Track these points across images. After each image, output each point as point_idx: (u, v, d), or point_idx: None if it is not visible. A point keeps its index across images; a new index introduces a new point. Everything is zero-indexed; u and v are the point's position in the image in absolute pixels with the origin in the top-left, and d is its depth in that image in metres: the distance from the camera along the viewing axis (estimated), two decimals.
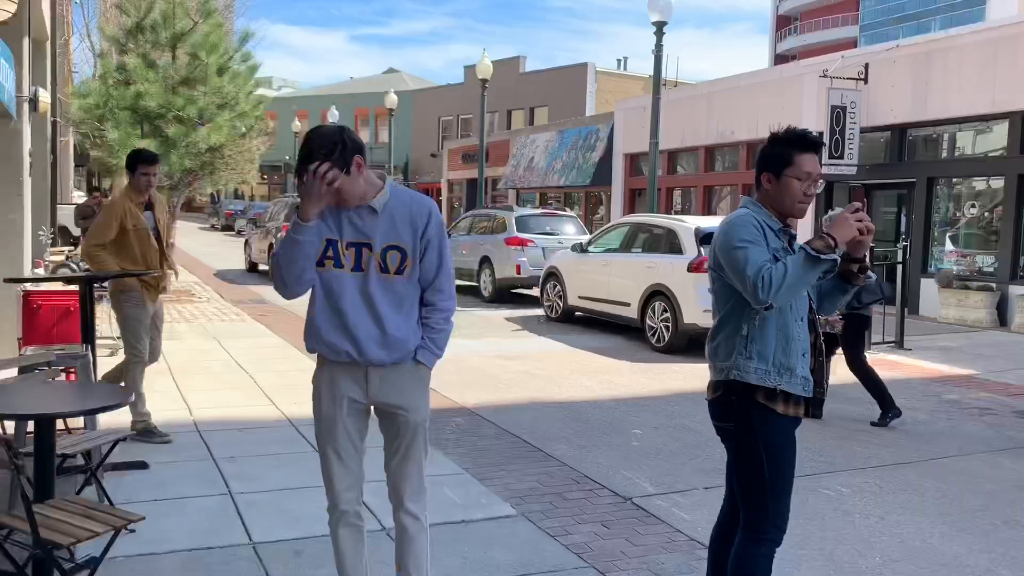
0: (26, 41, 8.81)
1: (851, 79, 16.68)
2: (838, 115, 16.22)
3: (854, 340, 7.16)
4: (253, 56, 14.28)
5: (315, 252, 3.02)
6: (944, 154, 16.08)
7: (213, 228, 42.26)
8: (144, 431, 5.73)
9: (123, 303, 5.72)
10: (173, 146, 12.81)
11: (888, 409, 7.05)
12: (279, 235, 17.21)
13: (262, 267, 19.16)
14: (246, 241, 21.29)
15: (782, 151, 3.06)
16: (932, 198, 15.80)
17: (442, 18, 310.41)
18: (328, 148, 2.95)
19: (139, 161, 5.74)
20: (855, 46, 41.91)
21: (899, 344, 11.12)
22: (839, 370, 7.36)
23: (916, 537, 4.65)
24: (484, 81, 23.37)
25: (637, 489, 5.26)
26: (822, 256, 2.77)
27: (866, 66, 16.75)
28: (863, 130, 16.46)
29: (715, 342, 3.07)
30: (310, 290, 3.13)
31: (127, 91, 12.80)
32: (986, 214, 15.12)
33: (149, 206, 5.82)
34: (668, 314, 10.49)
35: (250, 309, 13.13)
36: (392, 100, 32.43)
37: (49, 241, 12.02)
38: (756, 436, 2.97)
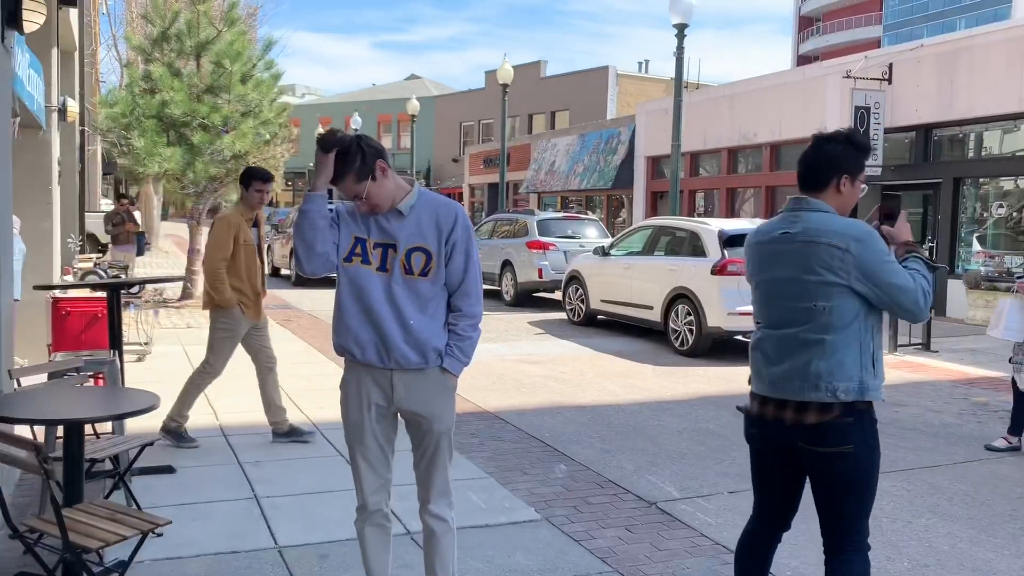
0: (54, 52, 8.95)
1: (875, 79, 16.54)
2: (862, 116, 16.09)
3: None
4: (276, 64, 14.37)
5: (324, 225, 3.06)
6: (971, 154, 15.89)
7: None
8: (175, 432, 5.80)
9: (218, 318, 5.80)
10: (198, 153, 12.93)
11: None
12: None
13: (284, 271, 19.54)
14: (268, 246, 21.48)
15: (858, 155, 2.96)
16: (959, 198, 15.62)
17: (462, 24, 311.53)
18: (351, 157, 3.01)
19: (253, 178, 5.78)
20: (879, 46, 41.56)
21: (926, 346, 11.00)
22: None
23: (945, 542, 4.59)
24: (505, 86, 23.41)
25: (661, 493, 5.24)
26: (931, 263, 2.84)
27: (890, 66, 16.60)
28: (887, 130, 16.31)
29: (830, 361, 2.78)
30: (336, 291, 3.17)
31: (153, 100, 12.94)
32: (1014, 214, 14.92)
33: (255, 223, 5.89)
34: (692, 317, 10.44)
35: (275, 315, 13.22)
36: (414, 106, 32.57)
37: (78, 248, 12.19)
38: (874, 454, 2.86)
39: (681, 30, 15.47)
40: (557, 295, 14.55)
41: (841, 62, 18.36)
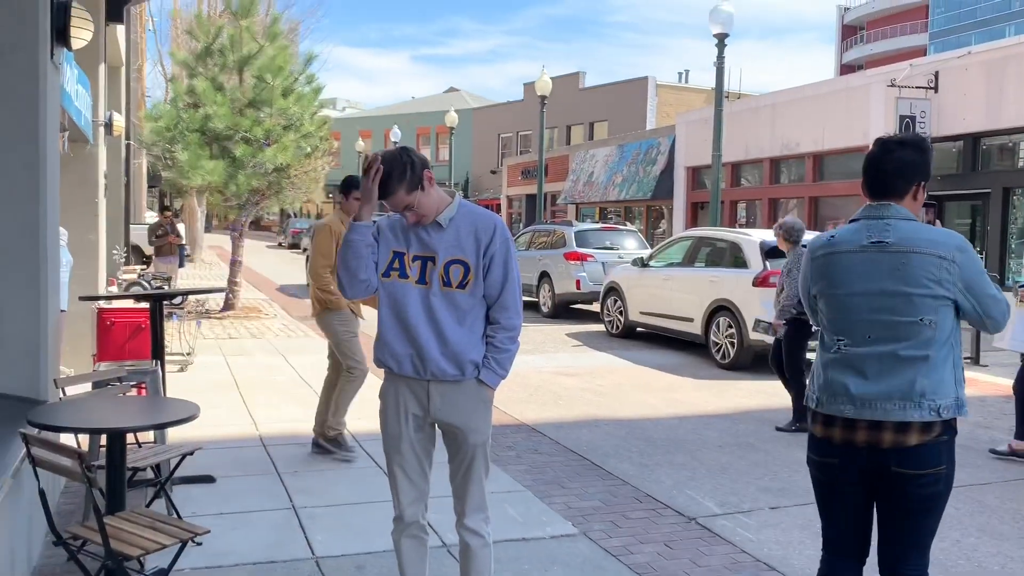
0: (102, 68, 9.15)
1: (920, 88, 16.28)
2: (907, 125, 15.83)
3: (796, 344, 7.36)
4: (317, 78, 14.55)
5: (367, 253, 3.11)
6: (1021, 163, 15.54)
7: (280, 246, 43.13)
8: (334, 440, 5.87)
9: (332, 322, 5.82)
10: (240, 166, 13.13)
11: (799, 420, 7.15)
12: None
13: None
14: (308, 258, 21.96)
15: (929, 161, 2.83)
16: (1008, 208, 15.27)
17: (501, 37, 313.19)
18: (400, 169, 3.02)
19: (352, 187, 5.79)
20: (924, 54, 40.88)
21: (975, 360, 10.74)
22: None
23: (995, 561, 4.45)
24: (543, 97, 23.46)
25: (701, 509, 5.16)
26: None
27: (936, 74, 16.32)
28: (933, 140, 16.02)
29: (932, 378, 2.64)
30: (378, 313, 3.21)
31: (196, 114, 13.17)
32: None
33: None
34: (733, 330, 10.31)
35: (315, 326, 13.33)
36: (452, 118, 32.77)
37: (123, 260, 12.42)
38: (953, 473, 2.73)
39: (721, 40, 15.37)
40: (595, 307, 14.48)
41: (885, 70, 18.10)
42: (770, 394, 8.76)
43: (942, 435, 2.66)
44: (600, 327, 13.71)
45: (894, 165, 2.78)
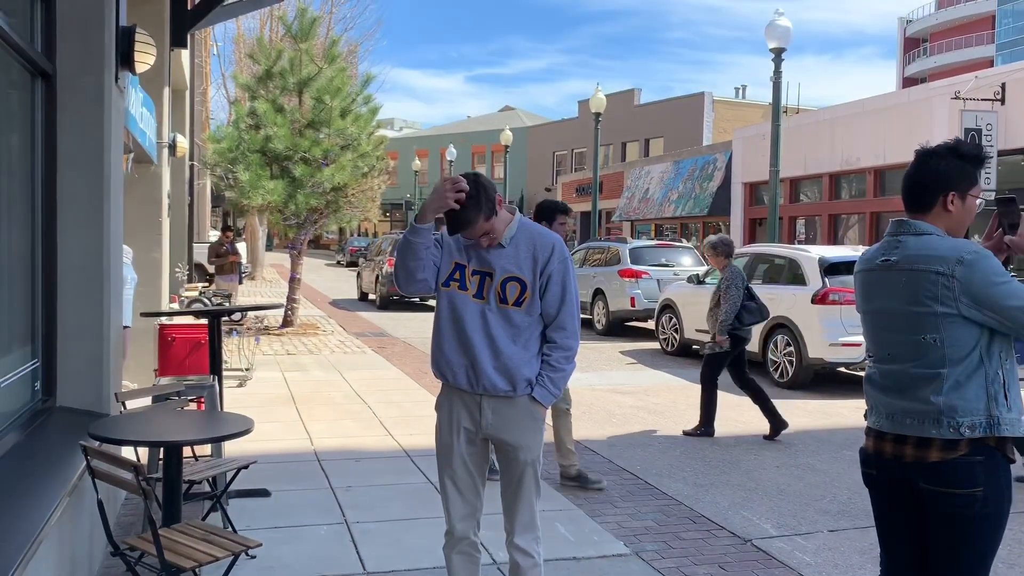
0: (166, 91, 9.43)
1: (986, 100, 15.84)
2: (972, 138, 15.38)
3: (722, 357, 7.66)
4: (374, 99, 14.80)
5: (426, 256, 3.12)
6: None
7: (339, 264, 43.79)
8: (578, 476, 5.70)
9: None
10: (300, 186, 13.39)
11: (707, 425, 7.56)
12: (384, 267, 18.83)
13: (371, 296, 20.47)
14: (358, 272, 23.16)
15: (966, 167, 2.68)
16: None
17: (557, 55, 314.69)
18: (475, 200, 3.02)
19: (557, 211, 5.66)
20: (991, 66, 39.77)
21: None
22: None
23: None
24: (597, 114, 23.44)
25: (757, 530, 5.05)
26: None
27: (1003, 86, 15.87)
28: (1000, 153, 15.55)
29: (950, 395, 2.53)
30: (435, 314, 3.26)
31: (257, 135, 13.49)
32: None
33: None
34: (791, 348, 10.11)
35: (371, 342, 13.49)
36: (507, 137, 32.96)
37: (184, 277, 12.74)
38: (1004, 499, 2.57)
39: (778, 54, 15.20)
40: (650, 324, 14.34)
41: (949, 83, 17.66)
42: (829, 414, 8.55)
43: (973, 455, 2.52)
44: (655, 345, 13.57)
45: (921, 176, 2.70)
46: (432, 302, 20.05)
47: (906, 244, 2.65)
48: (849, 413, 8.70)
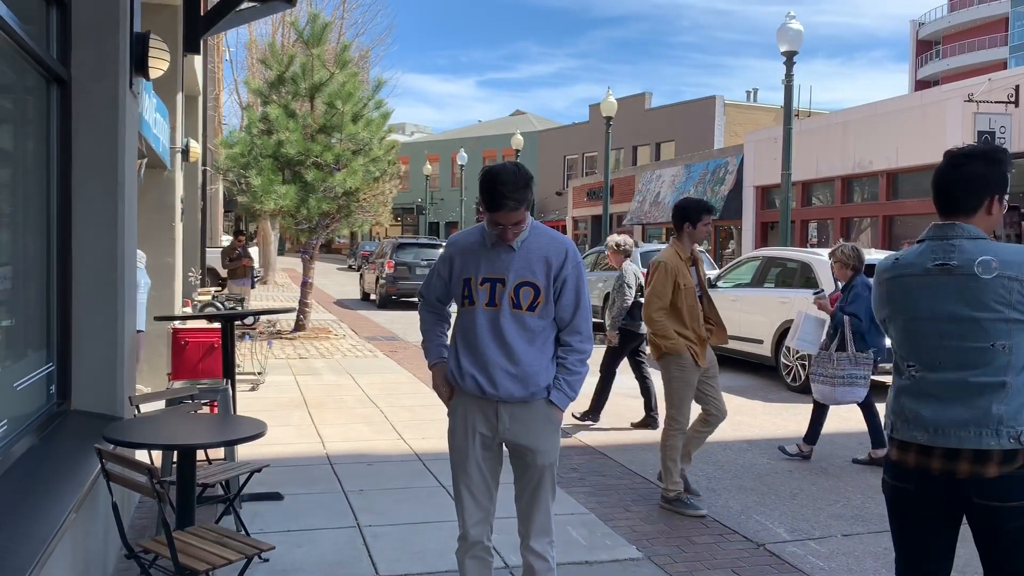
0: (179, 97, 9.49)
1: (1000, 102, 15.75)
2: (985, 141, 15.30)
3: (619, 352, 8.14)
4: (386, 103, 14.85)
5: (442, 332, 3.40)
6: None
7: (350, 268, 43.89)
8: (675, 500, 5.39)
9: (669, 367, 5.35)
10: (311, 191, 13.44)
11: (594, 412, 8.03)
12: (384, 269, 20.91)
13: (372, 296, 22.36)
14: (361, 275, 25.26)
15: (1002, 170, 2.63)
16: None
17: (567, 60, 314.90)
18: (522, 190, 3.01)
19: (702, 210, 5.35)
20: (1004, 68, 39.56)
21: None
22: None
23: None
24: (608, 118, 23.43)
25: (770, 535, 5.03)
26: None
27: (1016, 88, 15.78)
28: (1014, 155, 15.44)
29: (1012, 404, 2.46)
30: (451, 338, 3.37)
31: (269, 140, 13.55)
32: None
33: (693, 261, 5.44)
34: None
35: (382, 346, 13.51)
36: (518, 141, 33.00)
37: (197, 282, 12.79)
38: None
39: (790, 58, 15.16)
40: None
41: (962, 85, 17.57)
42: (844, 418, 8.50)
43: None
44: None
45: (962, 181, 2.62)
46: None
47: (963, 248, 2.55)
48: (862, 417, 8.64)
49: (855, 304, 6.73)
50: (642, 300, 7.63)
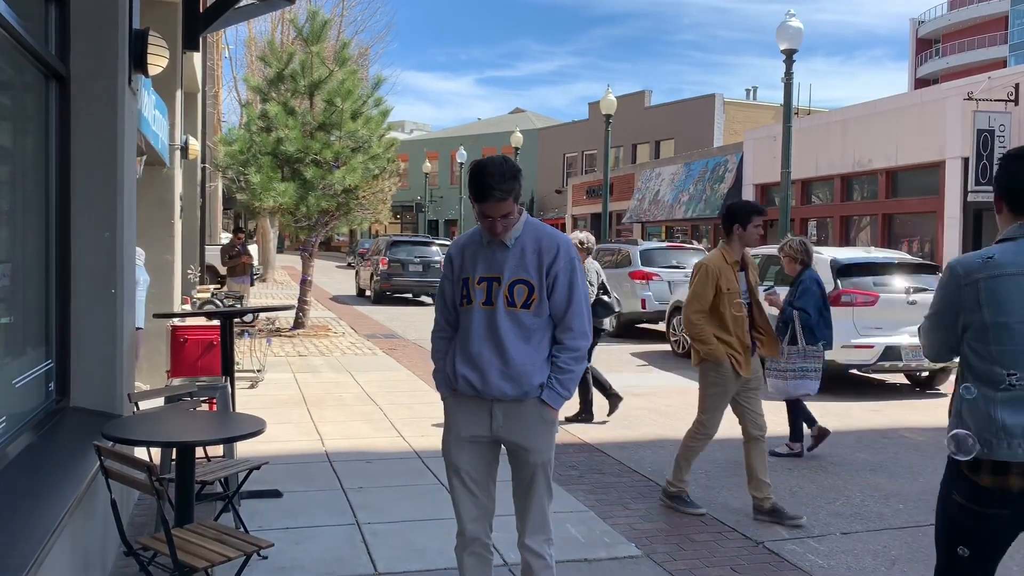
0: (179, 94, 9.48)
1: (999, 101, 15.75)
2: (985, 139, 15.31)
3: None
4: (385, 101, 14.83)
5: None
6: None
7: (349, 266, 43.88)
8: (676, 496, 5.30)
9: (707, 373, 5.15)
10: (311, 188, 13.43)
11: (585, 412, 7.98)
12: (379, 266, 21.39)
13: (367, 292, 22.87)
14: (356, 272, 26.00)
15: None
16: None
17: (567, 58, 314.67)
18: (509, 181, 3.03)
19: (753, 212, 5.11)
20: (1004, 66, 39.54)
21: None
22: None
23: None
24: (608, 116, 23.43)
25: (769, 532, 5.03)
26: None
27: (1016, 86, 15.77)
28: None
29: None
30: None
31: (268, 137, 13.54)
32: None
33: (743, 266, 5.20)
34: None
35: (381, 343, 13.51)
36: (518, 139, 32.99)
37: (196, 279, 12.79)
38: None
39: (790, 56, 15.15)
40: (661, 326, 14.31)
41: (962, 83, 17.57)
42: (842, 416, 8.51)
43: None
44: (666, 347, 13.53)
45: None
46: (423, 298, 21.60)
47: None
48: (861, 415, 8.66)
49: (804, 299, 6.81)
50: (605, 298, 7.74)
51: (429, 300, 21.29)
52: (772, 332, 5.38)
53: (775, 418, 8.51)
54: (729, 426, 7.84)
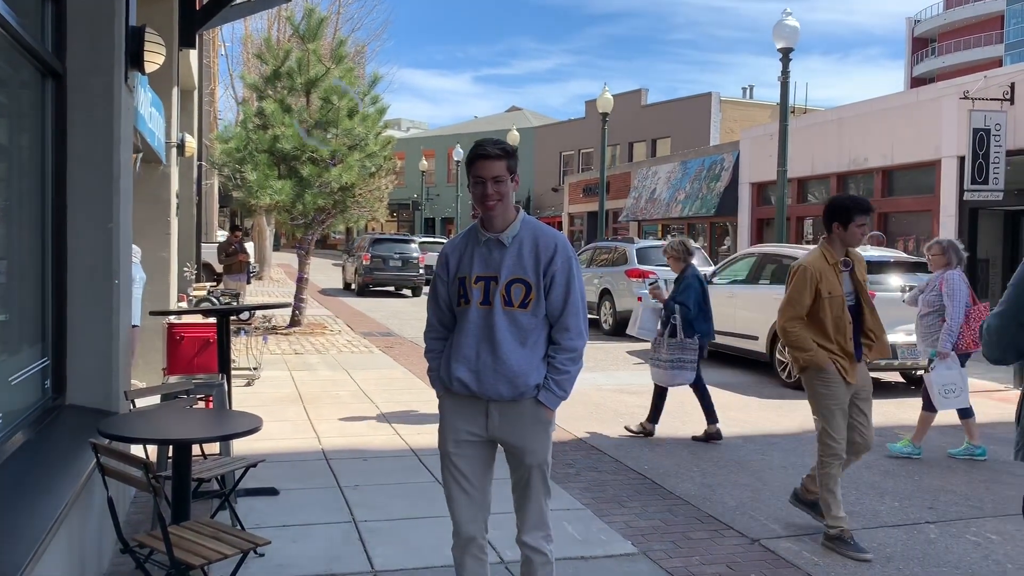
0: (175, 91, 9.46)
1: (995, 100, 15.78)
2: (981, 138, 15.34)
3: None
4: (382, 99, 14.81)
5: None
6: None
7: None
8: (837, 538, 4.65)
9: (812, 382, 4.70)
10: (307, 186, 13.41)
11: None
12: (362, 262, 23.37)
13: (353, 286, 24.72)
14: (343, 267, 27.35)
15: None
16: None
17: (563, 56, 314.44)
18: (503, 146, 3.13)
19: (856, 210, 4.62)
20: (999, 66, 39.63)
21: None
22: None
23: None
24: (604, 115, 23.43)
25: (765, 531, 5.04)
26: None
27: (1012, 85, 15.80)
28: (1009, 153, 15.48)
29: None
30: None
31: (265, 135, 13.52)
32: None
33: (847, 265, 4.76)
34: None
35: (378, 341, 13.51)
36: (514, 137, 33.03)
37: (193, 277, 12.77)
38: None
39: (786, 54, 15.17)
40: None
41: (957, 83, 17.60)
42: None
43: None
44: None
45: None
46: (405, 291, 23.45)
47: None
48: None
49: (685, 294, 7.35)
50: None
51: (408, 293, 23.78)
52: (883, 335, 4.85)
53: (776, 417, 8.52)
54: (726, 425, 7.87)
